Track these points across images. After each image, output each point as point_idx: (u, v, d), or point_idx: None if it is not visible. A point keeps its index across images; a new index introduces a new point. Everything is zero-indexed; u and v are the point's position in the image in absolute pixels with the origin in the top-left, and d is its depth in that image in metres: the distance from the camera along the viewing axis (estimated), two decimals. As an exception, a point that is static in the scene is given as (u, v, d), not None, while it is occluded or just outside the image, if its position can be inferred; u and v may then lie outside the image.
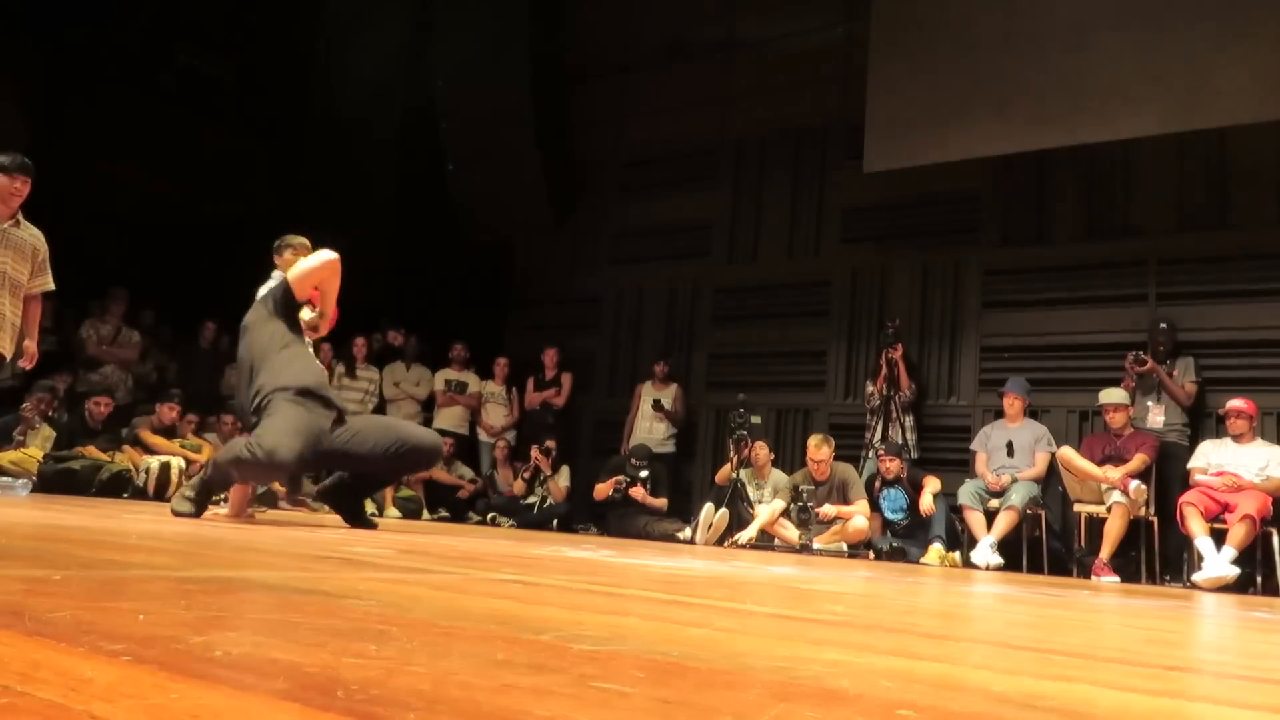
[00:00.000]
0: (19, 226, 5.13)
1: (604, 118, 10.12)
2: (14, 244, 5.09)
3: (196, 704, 0.63)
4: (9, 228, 5.08)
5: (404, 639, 1.00)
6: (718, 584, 2.57)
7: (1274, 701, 1.15)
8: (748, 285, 9.04)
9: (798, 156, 8.95)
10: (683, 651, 1.07)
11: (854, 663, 1.13)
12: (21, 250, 5.13)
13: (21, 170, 5.04)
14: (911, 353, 7.89)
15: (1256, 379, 6.64)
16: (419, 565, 2.33)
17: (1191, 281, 7.05)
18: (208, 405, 8.70)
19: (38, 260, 5.24)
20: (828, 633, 1.50)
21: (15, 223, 5.11)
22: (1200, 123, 6.73)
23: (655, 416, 8.59)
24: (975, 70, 7.56)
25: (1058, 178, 7.65)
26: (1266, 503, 5.78)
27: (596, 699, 0.76)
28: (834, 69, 8.73)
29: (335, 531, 4.00)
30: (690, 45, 9.71)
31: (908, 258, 8.22)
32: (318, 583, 1.67)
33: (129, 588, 1.33)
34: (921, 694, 0.93)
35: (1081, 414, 7.27)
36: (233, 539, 2.81)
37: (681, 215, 9.52)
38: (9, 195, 5.03)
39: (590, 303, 9.94)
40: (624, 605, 1.67)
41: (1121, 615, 2.76)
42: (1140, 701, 1.03)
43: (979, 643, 1.64)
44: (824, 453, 6.93)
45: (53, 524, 2.90)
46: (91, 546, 2.05)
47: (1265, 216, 6.88)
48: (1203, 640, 2.27)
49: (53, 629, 0.87)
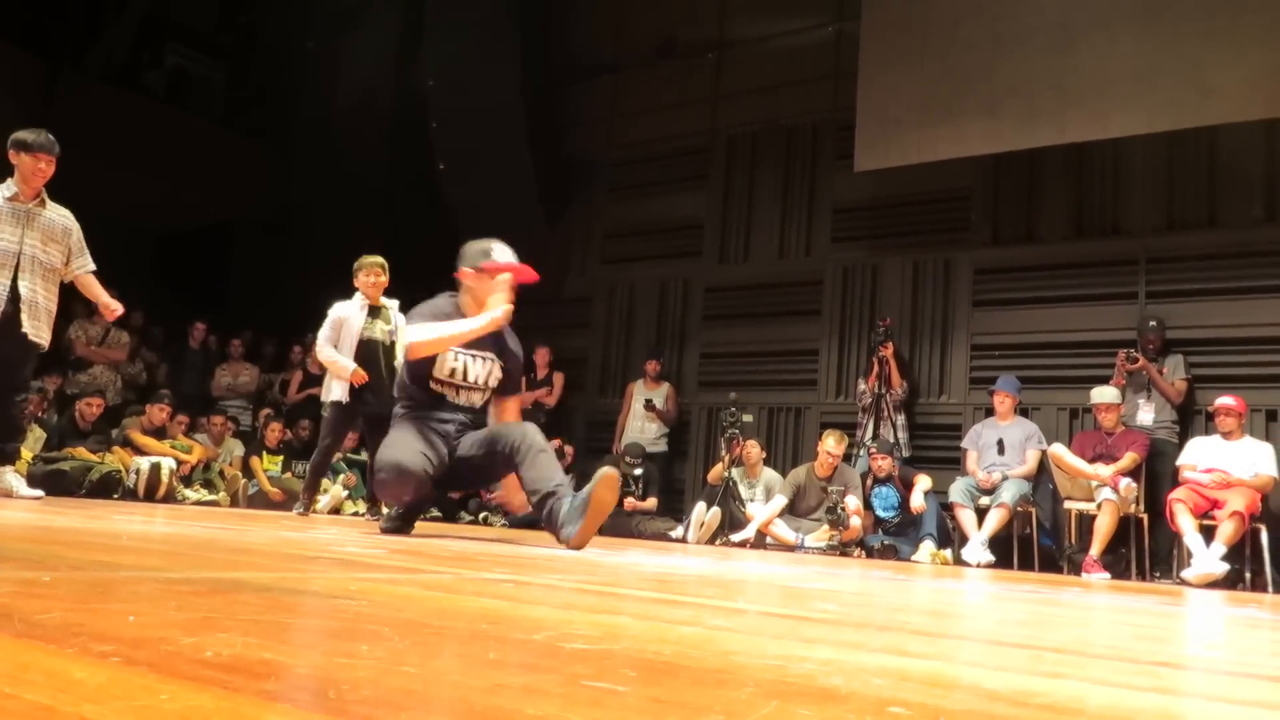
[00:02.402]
0: (45, 207, 4.96)
1: (595, 117, 10.12)
2: (42, 225, 4.92)
3: (186, 705, 0.62)
4: (34, 208, 4.91)
5: (395, 639, 1.00)
6: (710, 583, 2.57)
7: (1263, 697, 1.15)
8: (739, 284, 9.05)
9: (788, 155, 8.97)
10: (675, 650, 1.07)
11: (846, 661, 1.13)
12: (51, 232, 4.96)
13: (45, 149, 4.84)
14: (902, 351, 7.91)
15: (1245, 376, 6.67)
16: (410, 565, 2.32)
17: (1181, 280, 7.08)
18: (198, 406, 8.68)
19: (71, 240, 5.07)
20: (820, 631, 1.50)
21: (41, 203, 4.94)
22: (1189, 122, 6.75)
23: (647, 416, 8.59)
24: (965, 69, 7.58)
25: (1047, 176, 7.67)
26: (1255, 499, 5.81)
27: (588, 698, 0.76)
28: (824, 68, 8.74)
29: (327, 531, 3.99)
30: (681, 44, 9.71)
31: (898, 256, 8.24)
32: (308, 583, 1.66)
33: (119, 589, 1.33)
34: (913, 691, 0.94)
35: (1072, 412, 7.29)
36: (224, 540, 2.80)
37: (672, 214, 9.52)
38: (32, 174, 4.84)
39: (582, 302, 9.94)
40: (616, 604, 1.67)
41: (1111, 612, 2.77)
42: (1130, 698, 1.03)
43: (970, 640, 1.65)
44: (841, 450, 6.97)
45: (42, 525, 2.89)
46: (81, 548, 2.05)
47: (1254, 215, 6.92)
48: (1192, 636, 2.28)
49: (42, 630, 0.87)
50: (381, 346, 5.87)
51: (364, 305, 5.91)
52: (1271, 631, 2.50)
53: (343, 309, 5.89)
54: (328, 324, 5.87)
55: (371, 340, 5.84)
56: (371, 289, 5.92)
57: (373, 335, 5.87)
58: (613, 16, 10.15)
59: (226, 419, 8.47)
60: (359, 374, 5.70)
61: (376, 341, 5.86)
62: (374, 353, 5.83)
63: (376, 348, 5.85)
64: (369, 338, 5.85)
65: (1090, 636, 1.92)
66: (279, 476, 8.15)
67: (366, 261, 5.96)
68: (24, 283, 4.83)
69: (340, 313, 5.87)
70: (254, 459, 8.16)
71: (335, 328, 5.84)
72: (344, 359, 5.75)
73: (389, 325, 5.94)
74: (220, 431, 8.34)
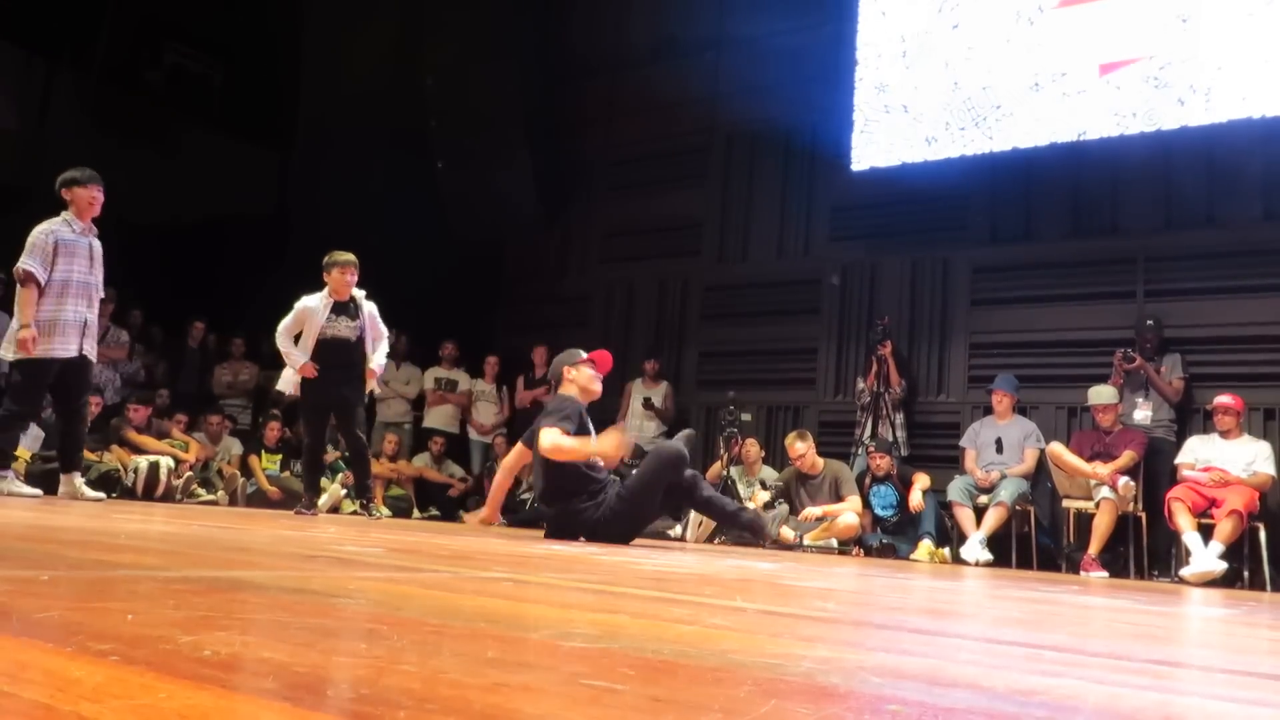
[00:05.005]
0: (94, 236, 5.44)
1: (593, 115, 10.11)
2: (96, 253, 5.42)
3: (185, 704, 0.62)
4: (92, 239, 5.41)
5: (394, 638, 1.00)
6: (708, 581, 2.57)
7: (1260, 696, 1.15)
8: (738, 283, 9.05)
9: (787, 154, 8.96)
10: (673, 649, 1.08)
11: (844, 659, 1.13)
12: (99, 259, 5.45)
13: (97, 181, 5.38)
14: (901, 350, 7.91)
15: (1243, 375, 6.67)
16: (409, 564, 2.32)
17: (1178, 278, 7.08)
18: (196, 404, 8.67)
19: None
20: (818, 629, 1.50)
21: (94, 233, 5.43)
22: (1187, 119, 6.75)
23: (646, 414, 8.59)
24: (964, 68, 7.59)
25: (1045, 176, 7.66)
26: (1253, 498, 5.81)
27: (587, 697, 0.76)
28: (823, 67, 8.73)
29: (326, 530, 3.99)
30: (679, 43, 9.71)
31: (897, 255, 8.24)
32: (307, 582, 1.66)
33: (117, 588, 1.33)
34: (911, 690, 0.94)
35: (1070, 410, 7.29)
36: (222, 539, 2.80)
37: (671, 213, 9.52)
38: (89, 205, 5.34)
39: (580, 301, 9.94)
40: (614, 603, 1.67)
41: (1109, 610, 2.78)
42: (1128, 696, 1.03)
43: (968, 639, 1.65)
44: (799, 448, 6.95)
45: (41, 524, 2.89)
46: (80, 547, 2.04)
47: (1251, 214, 6.92)
48: (1190, 635, 2.28)
49: (40, 629, 0.87)
50: (348, 342, 6.06)
51: (328, 303, 6.03)
52: (1269, 630, 2.50)
53: (309, 303, 6.03)
54: (293, 315, 6.04)
55: (337, 338, 6.02)
56: (344, 287, 6.04)
57: (338, 334, 6.03)
58: (612, 16, 10.14)
59: (224, 418, 8.46)
60: (308, 368, 5.93)
61: (343, 339, 6.04)
62: (341, 349, 6.02)
63: (344, 345, 6.04)
64: (334, 336, 6.01)
65: (1088, 635, 1.92)
66: (277, 475, 8.15)
67: (341, 259, 6.05)
68: (94, 312, 5.41)
69: (307, 305, 6.02)
70: (252, 458, 8.16)
71: (299, 320, 6.02)
72: (298, 353, 5.97)
73: (355, 321, 6.09)
74: (217, 430, 8.33)
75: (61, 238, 5.27)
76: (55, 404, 5.70)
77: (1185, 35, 6.78)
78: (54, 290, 5.24)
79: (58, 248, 5.24)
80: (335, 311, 6.03)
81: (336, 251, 6.07)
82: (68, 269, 5.27)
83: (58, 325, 5.24)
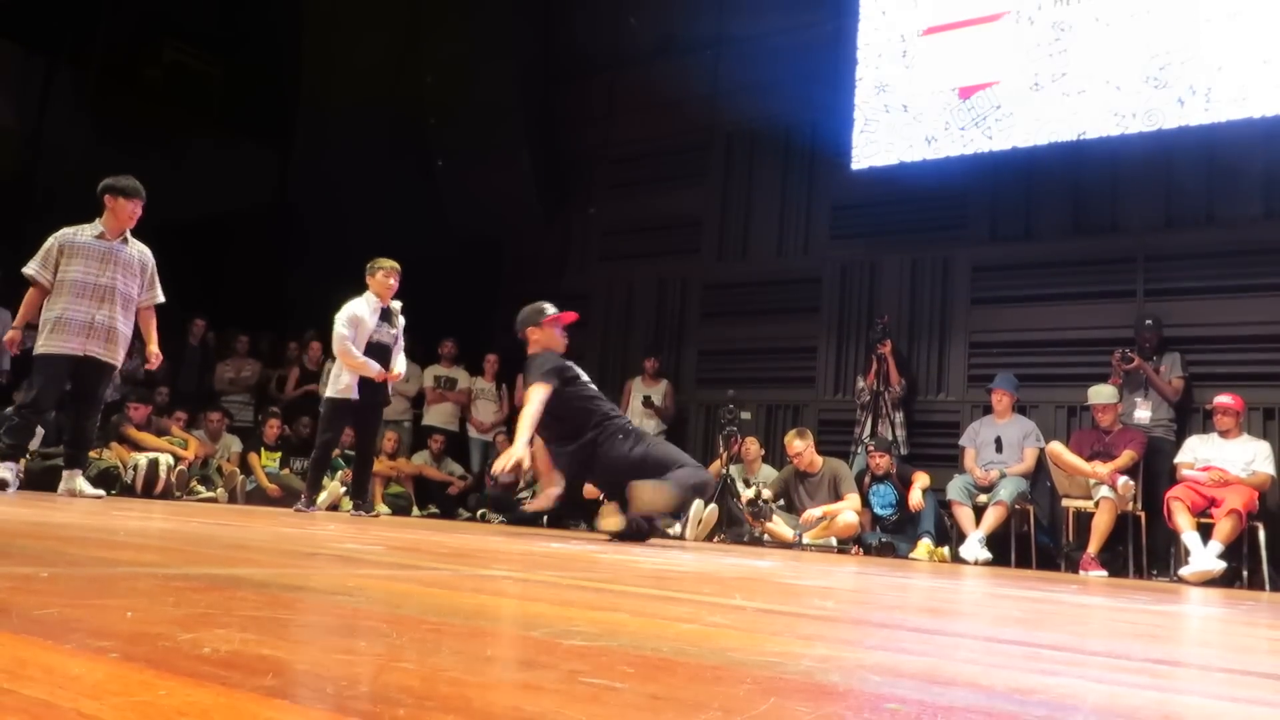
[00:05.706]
0: (127, 244, 5.53)
1: (593, 114, 10.11)
2: (124, 261, 5.51)
3: (184, 701, 0.62)
4: (118, 245, 5.48)
5: (393, 635, 1.00)
6: (707, 579, 2.57)
7: (1259, 695, 1.16)
8: (737, 281, 9.05)
9: (787, 153, 8.96)
10: (673, 647, 1.08)
11: (843, 658, 1.13)
12: (130, 266, 5.54)
13: (140, 194, 5.48)
14: (901, 348, 7.91)
15: (1242, 374, 6.68)
16: (408, 562, 2.32)
17: (1178, 277, 7.08)
18: (196, 402, 8.66)
19: (146, 275, 5.64)
20: (817, 628, 1.50)
21: (124, 240, 5.51)
22: (1187, 119, 6.75)
23: (645, 413, 8.58)
24: (963, 68, 7.58)
25: (1045, 175, 7.66)
26: (1252, 497, 5.82)
27: (586, 694, 0.76)
28: (823, 65, 8.73)
29: (326, 528, 3.99)
30: (679, 41, 9.70)
31: (897, 254, 8.24)
32: (306, 579, 1.66)
33: (117, 585, 1.33)
34: (910, 688, 0.94)
35: (1069, 409, 7.30)
36: (222, 536, 2.80)
37: (671, 211, 9.52)
38: (128, 217, 5.47)
39: (580, 299, 9.91)
40: (614, 601, 1.67)
41: (1108, 610, 2.78)
42: (1127, 695, 1.03)
43: (967, 637, 1.65)
44: (798, 446, 6.95)
45: (40, 521, 2.89)
46: (79, 544, 2.04)
47: (1251, 213, 6.92)
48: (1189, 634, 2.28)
49: (40, 626, 0.87)
50: (388, 349, 6.20)
51: (376, 307, 6.14)
52: (1268, 629, 2.50)
53: (358, 310, 6.10)
54: (348, 323, 6.07)
55: (381, 344, 6.14)
56: (387, 291, 6.16)
57: (382, 340, 6.15)
58: (611, 14, 10.13)
59: (223, 415, 8.46)
60: (384, 373, 6.09)
61: (385, 345, 6.17)
62: (383, 355, 6.15)
63: (385, 350, 6.17)
64: (378, 342, 6.13)
65: (1087, 634, 1.92)
66: (277, 473, 8.15)
67: (384, 264, 6.19)
68: (105, 312, 5.42)
69: (357, 313, 6.08)
70: (252, 455, 8.16)
71: (354, 326, 6.06)
72: (370, 360, 6.05)
73: (394, 329, 6.24)
74: (217, 427, 8.32)
75: (70, 240, 5.40)
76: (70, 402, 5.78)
77: (1185, 35, 6.77)
78: (60, 290, 5.36)
79: (64, 250, 5.38)
80: (382, 318, 6.17)
81: (380, 258, 6.20)
82: (75, 270, 5.37)
83: (62, 324, 5.33)
